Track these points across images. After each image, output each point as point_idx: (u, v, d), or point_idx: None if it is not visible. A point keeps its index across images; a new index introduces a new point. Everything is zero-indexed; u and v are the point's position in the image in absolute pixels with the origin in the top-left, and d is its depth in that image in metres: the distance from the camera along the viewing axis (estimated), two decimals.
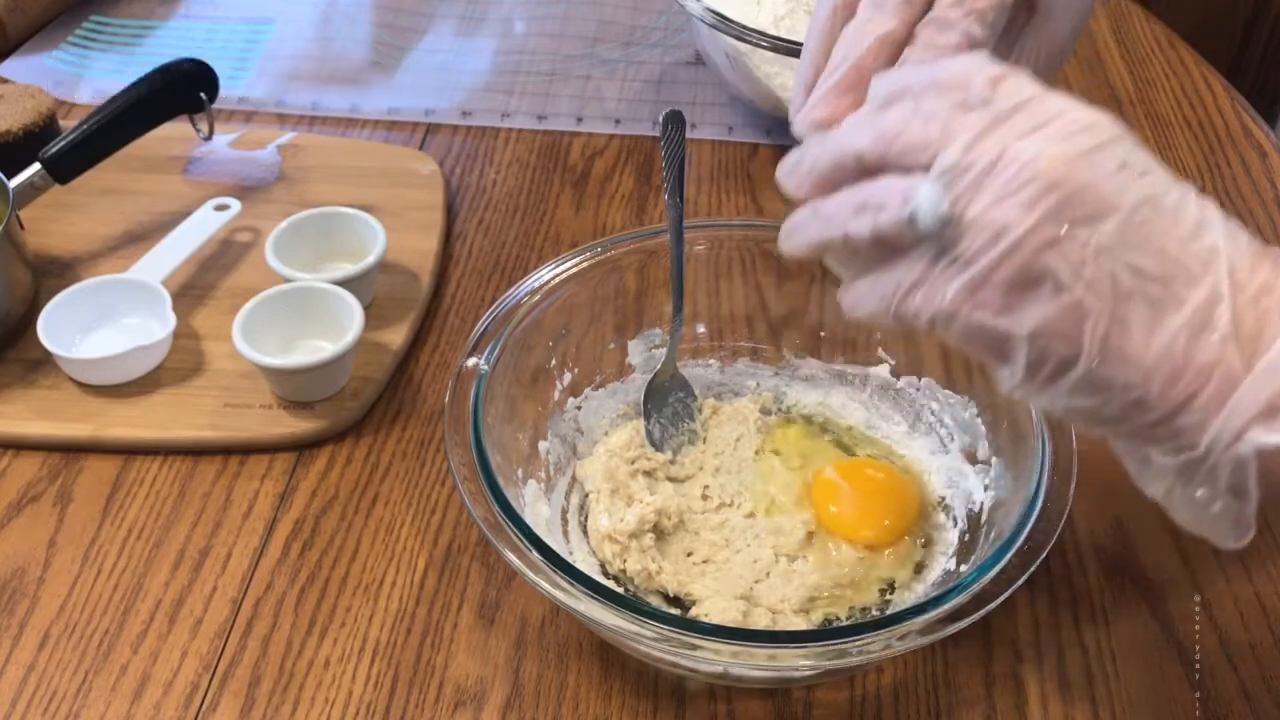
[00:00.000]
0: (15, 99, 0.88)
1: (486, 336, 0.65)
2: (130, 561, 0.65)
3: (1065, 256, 0.40)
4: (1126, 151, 0.42)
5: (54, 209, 0.85)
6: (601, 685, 0.60)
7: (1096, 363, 0.41)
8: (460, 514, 0.68)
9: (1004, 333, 0.42)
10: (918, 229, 0.42)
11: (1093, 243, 0.40)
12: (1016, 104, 0.42)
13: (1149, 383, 0.41)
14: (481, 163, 0.95)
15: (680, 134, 0.67)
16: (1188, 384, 0.40)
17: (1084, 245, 0.40)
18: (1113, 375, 0.41)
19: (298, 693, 0.59)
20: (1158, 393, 0.41)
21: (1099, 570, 0.66)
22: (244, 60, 1.06)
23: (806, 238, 0.47)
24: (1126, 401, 0.41)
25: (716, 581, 0.63)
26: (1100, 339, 0.41)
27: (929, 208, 0.42)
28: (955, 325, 0.43)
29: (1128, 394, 0.41)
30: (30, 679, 0.60)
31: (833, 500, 0.66)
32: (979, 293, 0.42)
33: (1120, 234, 0.40)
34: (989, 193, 0.41)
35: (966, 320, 0.42)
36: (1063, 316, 0.41)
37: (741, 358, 0.75)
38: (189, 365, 0.75)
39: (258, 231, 0.85)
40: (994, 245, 0.41)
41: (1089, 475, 0.70)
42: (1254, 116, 1.01)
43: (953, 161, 0.41)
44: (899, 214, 0.42)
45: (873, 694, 0.60)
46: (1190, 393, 0.40)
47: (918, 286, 0.43)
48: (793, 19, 0.93)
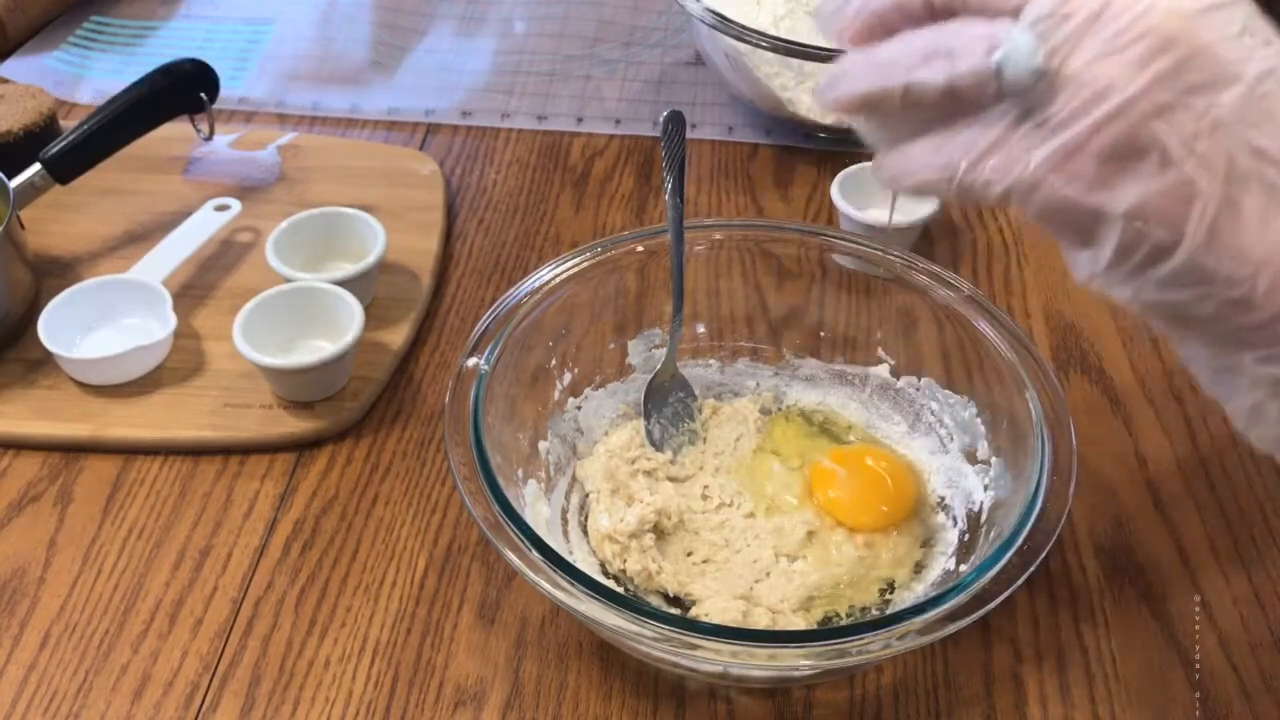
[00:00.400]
0: (16, 99, 0.88)
1: (486, 336, 0.65)
2: (131, 561, 0.65)
3: (1177, 127, 0.36)
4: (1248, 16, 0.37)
5: (54, 209, 0.85)
6: (601, 685, 0.60)
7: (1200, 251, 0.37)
8: (460, 514, 0.68)
9: (1095, 209, 0.37)
10: (1005, 82, 0.37)
11: (1210, 114, 0.36)
12: None
13: (1257, 278, 0.37)
14: (482, 163, 0.95)
15: (681, 134, 0.68)
16: None
17: (1200, 116, 0.36)
18: (1216, 267, 0.37)
19: (298, 692, 0.59)
20: (1265, 290, 0.37)
21: (1099, 570, 0.66)
22: (244, 60, 1.06)
23: (855, 87, 0.41)
24: (1227, 298, 0.38)
25: (716, 581, 0.63)
26: (1208, 224, 0.36)
27: (1022, 58, 0.37)
28: (1037, 198, 0.38)
29: (1230, 290, 0.37)
30: (31, 679, 0.60)
31: (831, 487, 0.66)
32: (1071, 161, 0.37)
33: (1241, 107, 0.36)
34: (1093, 46, 0.36)
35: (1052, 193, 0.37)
36: (1167, 195, 0.36)
37: (741, 358, 0.75)
38: (189, 365, 0.75)
39: (258, 231, 0.85)
40: (1095, 107, 0.36)
41: (1089, 475, 0.70)
42: None
43: (1050, 7, 0.37)
44: (982, 63, 0.37)
45: (872, 694, 0.60)
46: None
47: (994, 151, 0.38)
48: (793, 19, 0.93)
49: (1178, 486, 0.70)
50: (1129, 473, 0.71)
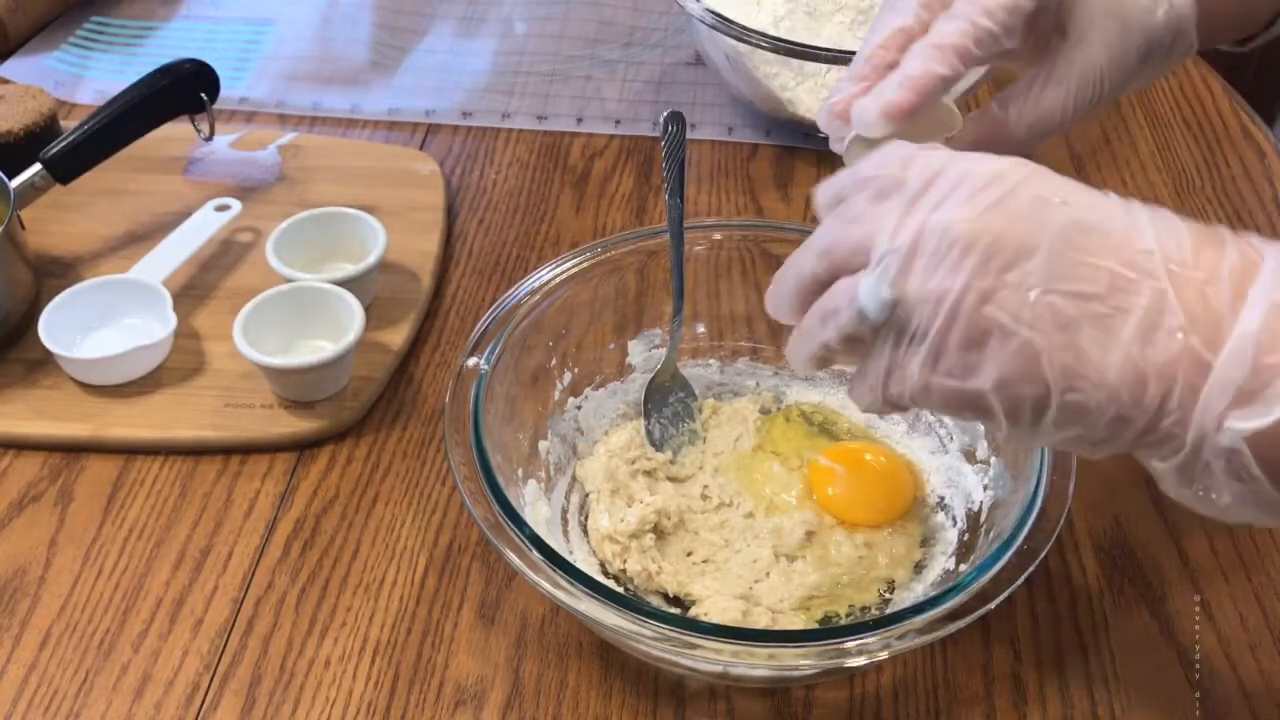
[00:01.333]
0: (16, 99, 0.88)
1: (487, 336, 0.65)
2: (131, 561, 0.65)
3: (1002, 305, 0.42)
4: (1039, 186, 0.43)
5: (55, 209, 0.85)
6: (601, 685, 0.60)
7: (1068, 394, 0.42)
8: (460, 514, 0.68)
9: (974, 391, 0.43)
10: (870, 320, 0.44)
11: (1024, 284, 0.41)
12: (926, 180, 0.44)
13: (1120, 397, 0.41)
14: (482, 163, 0.95)
15: (681, 134, 0.68)
16: (1156, 387, 0.41)
17: (1017, 288, 0.42)
18: (1085, 400, 0.42)
19: (298, 692, 0.59)
20: (1131, 404, 0.41)
21: (1099, 570, 0.66)
22: (244, 61, 1.06)
23: (800, 356, 0.50)
24: (1107, 420, 0.42)
25: (716, 581, 0.63)
26: (1060, 371, 0.42)
27: (872, 299, 0.44)
28: (932, 398, 0.45)
29: (1105, 413, 0.42)
30: (31, 678, 0.60)
31: (829, 483, 0.66)
32: (940, 362, 0.43)
33: (1048, 267, 0.42)
34: (919, 269, 0.43)
35: (939, 390, 0.44)
36: (1018, 360, 0.42)
37: (741, 358, 0.75)
38: (190, 365, 0.75)
39: (258, 232, 0.85)
40: (937, 314, 0.43)
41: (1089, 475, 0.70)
42: (1253, 117, 1.01)
43: (883, 251, 0.44)
44: (851, 312, 0.45)
45: (872, 694, 0.60)
46: (1162, 393, 0.41)
47: (891, 372, 0.45)
48: (792, 19, 0.93)
49: None
50: (1129, 473, 0.71)
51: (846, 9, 0.94)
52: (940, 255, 0.42)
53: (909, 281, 0.43)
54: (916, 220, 0.43)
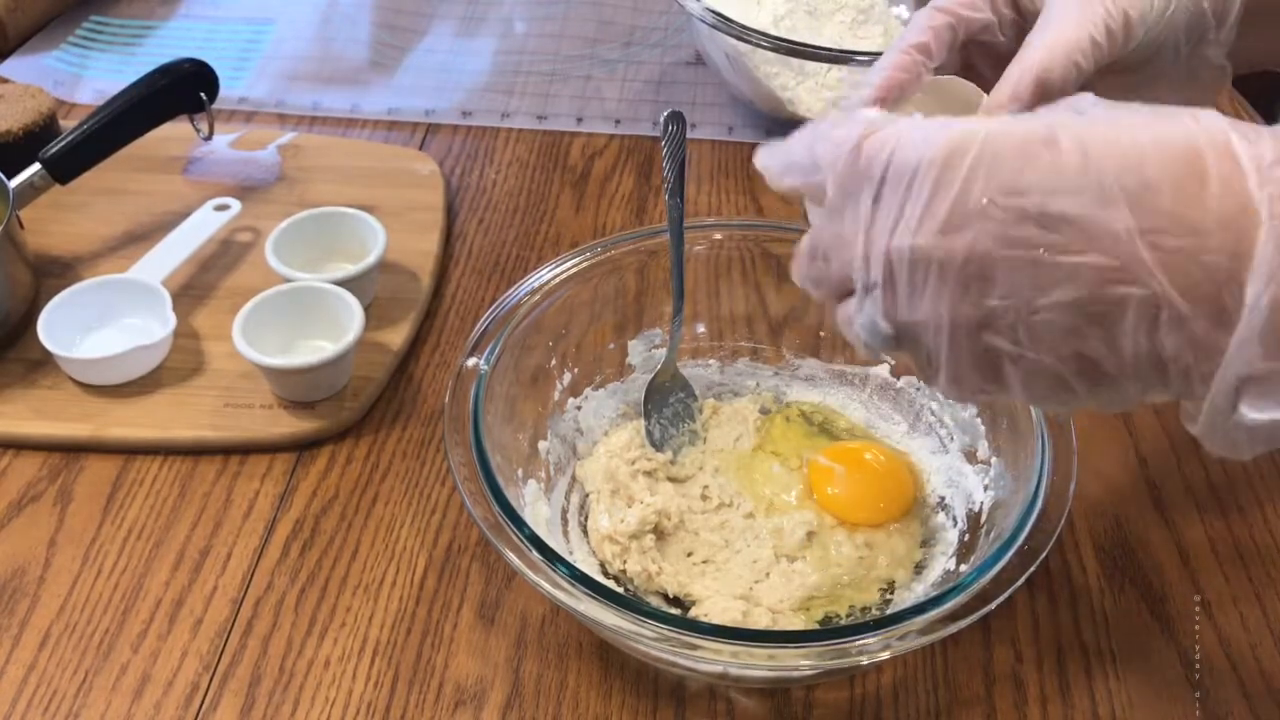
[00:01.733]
0: (15, 99, 0.88)
1: (486, 336, 0.65)
2: (130, 561, 0.65)
3: (999, 332, 0.41)
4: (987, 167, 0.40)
5: (54, 209, 0.85)
6: (601, 685, 0.60)
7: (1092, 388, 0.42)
8: (460, 514, 0.68)
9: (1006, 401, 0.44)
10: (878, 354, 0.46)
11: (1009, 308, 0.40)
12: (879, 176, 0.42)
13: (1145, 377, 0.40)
14: (481, 163, 0.95)
15: (681, 134, 0.68)
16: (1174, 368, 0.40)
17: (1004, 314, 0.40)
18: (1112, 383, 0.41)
19: (298, 692, 0.59)
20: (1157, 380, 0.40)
21: (1099, 570, 0.66)
22: (244, 60, 1.06)
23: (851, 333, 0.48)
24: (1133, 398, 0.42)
25: (716, 581, 0.63)
26: (1075, 374, 0.41)
27: (872, 334, 0.44)
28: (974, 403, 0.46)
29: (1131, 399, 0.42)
30: (31, 678, 0.60)
31: (828, 483, 0.66)
32: (963, 385, 0.43)
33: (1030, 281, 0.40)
34: (902, 300, 0.42)
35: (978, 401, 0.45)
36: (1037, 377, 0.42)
37: (741, 358, 0.75)
38: (189, 365, 0.75)
39: (258, 231, 0.85)
40: (940, 342, 0.42)
41: (1089, 475, 0.70)
42: (1254, 117, 1.01)
43: (862, 281, 0.43)
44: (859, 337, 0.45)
45: (873, 694, 0.60)
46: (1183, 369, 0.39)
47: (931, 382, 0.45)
48: (792, 19, 0.93)
49: (1178, 486, 0.70)
50: (1129, 473, 0.71)
51: (847, 8, 0.94)
52: (916, 285, 0.42)
53: (899, 313, 0.43)
54: (880, 248, 0.42)
